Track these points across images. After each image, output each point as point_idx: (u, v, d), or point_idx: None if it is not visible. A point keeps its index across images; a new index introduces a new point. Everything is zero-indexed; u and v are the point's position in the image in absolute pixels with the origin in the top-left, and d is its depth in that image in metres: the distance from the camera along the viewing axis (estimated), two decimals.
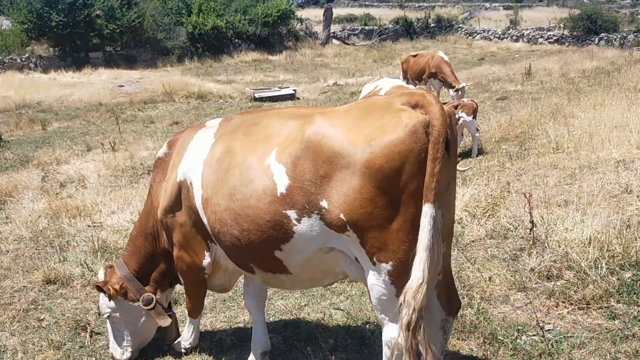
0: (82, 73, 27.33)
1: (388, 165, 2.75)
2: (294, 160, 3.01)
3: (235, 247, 3.41)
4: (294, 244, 3.12)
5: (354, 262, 3.07)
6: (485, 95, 16.48)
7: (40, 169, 10.28)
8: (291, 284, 3.55)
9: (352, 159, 2.81)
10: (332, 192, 2.88)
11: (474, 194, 7.15)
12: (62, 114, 18.27)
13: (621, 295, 4.49)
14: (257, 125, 3.46)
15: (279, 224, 3.09)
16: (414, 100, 2.89)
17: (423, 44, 37.45)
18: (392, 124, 2.79)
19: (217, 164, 3.48)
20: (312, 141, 2.95)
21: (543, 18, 44.26)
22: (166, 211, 3.84)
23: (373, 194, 2.79)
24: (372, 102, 3.08)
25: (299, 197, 2.99)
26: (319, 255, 3.15)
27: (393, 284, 2.89)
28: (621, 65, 19.33)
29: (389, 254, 2.84)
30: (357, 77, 23.70)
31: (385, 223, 2.81)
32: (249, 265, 3.50)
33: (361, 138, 2.82)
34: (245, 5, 36.50)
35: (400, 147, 2.75)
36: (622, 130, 9.00)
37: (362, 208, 2.81)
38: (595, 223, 5.45)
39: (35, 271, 6.05)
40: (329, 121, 2.98)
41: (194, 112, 18.04)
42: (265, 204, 3.12)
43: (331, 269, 3.26)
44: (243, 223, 3.24)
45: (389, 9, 56.11)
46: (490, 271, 5.15)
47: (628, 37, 30.20)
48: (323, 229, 2.99)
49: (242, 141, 3.42)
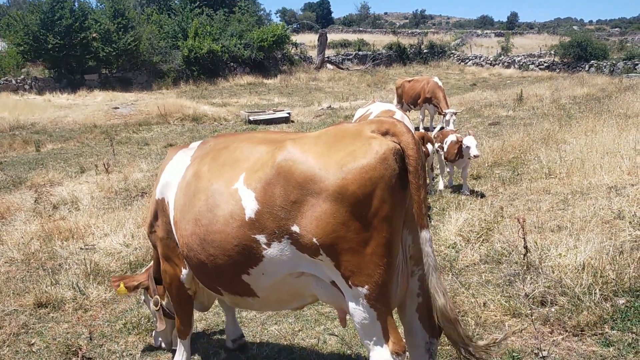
0: (77, 95, 27.43)
1: (360, 191, 2.80)
2: (263, 185, 3.03)
3: (202, 271, 3.44)
4: (262, 267, 3.13)
5: (326, 286, 3.08)
6: (477, 120, 16.63)
7: (34, 191, 10.24)
8: (259, 306, 3.59)
9: (324, 184, 2.84)
10: (303, 217, 2.91)
11: (467, 219, 7.19)
12: (56, 136, 18.27)
13: (615, 322, 4.50)
14: (227, 149, 3.49)
15: (248, 249, 3.10)
16: (384, 128, 2.95)
17: (416, 69, 37.89)
18: (363, 151, 2.84)
19: (186, 187, 3.53)
20: (283, 167, 2.97)
21: (534, 45, 44.99)
22: (150, 226, 3.98)
23: (346, 218, 2.82)
24: (343, 128, 3.11)
25: (269, 222, 3.00)
26: (288, 279, 3.16)
27: (372, 307, 2.90)
28: (611, 92, 19.62)
29: (364, 278, 2.86)
30: (350, 101, 23.90)
31: (358, 247, 2.84)
32: (217, 288, 3.53)
33: (332, 164, 2.86)
34: (241, 30, 36.91)
35: (371, 173, 2.80)
36: (613, 156, 9.10)
37: (335, 232, 2.84)
38: (588, 249, 5.48)
39: (27, 294, 5.99)
40: (300, 147, 3.01)
41: (189, 134, 18.08)
42: (232, 229, 3.13)
43: (300, 293, 3.28)
44: (209, 248, 3.26)
45: (383, 35, 56.88)
46: (485, 296, 5.15)
47: (618, 65, 30.64)
48: (294, 254, 3.01)
49: (210, 165, 3.46)
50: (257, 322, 5.27)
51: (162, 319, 4.37)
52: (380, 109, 8.49)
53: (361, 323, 2.94)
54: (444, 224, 7.11)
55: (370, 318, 2.92)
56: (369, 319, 2.92)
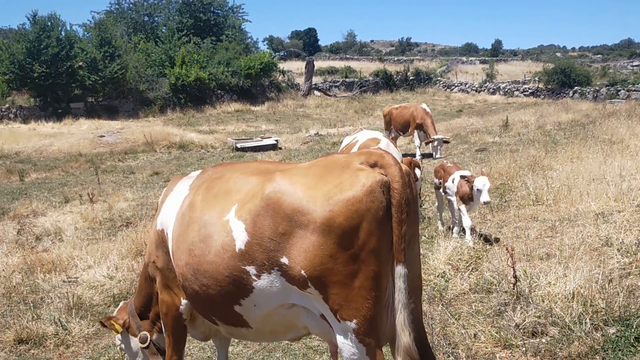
0: (63, 123, 27.31)
1: (347, 223, 2.78)
2: (253, 217, 3.02)
3: (197, 301, 3.44)
4: (253, 299, 3.11)
5: (317, 318, 3.05)
6: (464, 147, 16.73)
7: (16, 222, 10.08)
8: (253, 337, 3.57)
9: (311, 217, 2.83)
10: (292, 248, 2.89)
11: (456, 247, 7.15)
12: (41, 165, 18.09)
13: (606, 352, 4.44)
14: (220, 179, 3.49)
15: (238, 280, 3.09)
16: (372, 160, 2.95)
17: (402, 95, 38.24)
18: (350, 183, 2.84)
19: (182, 217, 3.53)
20: (271, 199, 2.97)
21: (518, 72, 45.71)
22: (150, 255, 3.92)
23: (333, 250, 2.80)
24: (332, 160, 3.12)
25: (258, 253, 2.99)
26: (280, 311, 3.13)
27: (361, 342, 2.86)
28: (595, 117, 19.86)
29: (352, 312, 2.83)
30: (338, 127, 24.01)
31: (346, 280, 2.82)
32: (211, 318, 3.51)
33: (320, 196, 2.85)
34: (229, 58, 37.16)
35: (357, 205, 2.79)
36: (599, 182, 9.14)
37: (322, 264, 2.82)
38: (577, 277, 5.45)
39: (7, 330, 5.84)
40: (288, 179, 3.01)
41: (175, 162, 18.00)
42: (223, 260, 3.12)
43: (293, 324, 3.25)
44: (202, 278, 3.25)
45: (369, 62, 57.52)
46: (475, 327, 5.09)
47: (601, 91, 31.14)
48: (284, 285, 2.99)
49: (203, 195, 3.46)
50: (243, 357, 5.16)
51: (155, 353, 4.24)
52: (366, 137, 8.53)
53: (350, 358, 2.90)
54: (432, 252, 7.06)
55: (359, 353, 2.87)
56: (357, 354, 2.88)
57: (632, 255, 6.20)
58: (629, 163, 10.15)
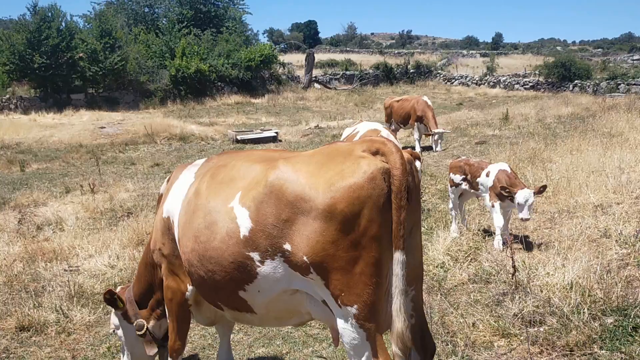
0: (63, 114, 27.26)
1: (348, 209, 2.82)
2: (257, 204, 3.06)
3: (203, 287, 3.48)
4: (257, 284, 3.15)
5: (319, 304, 3.09)
6: (464, 140, 16.75)
7: (17, 211, 10.10)
8: (258, 322, 3.61)
9: (313, 203, 2.88)
10: (295, 235, 2.94)
11: (455, 238, 7.19)
12: (42, 155, 18.11)
13: (604, 342, 4.48)
14: (225, 167, 3.53)
15: (243, 266, 3.14)
16: (375, 148, 2.98)
17: (403, 88, 38.18)
18: (351, 170, 2.88)
19: (188, 205, 3.56)
20: (274, 186, 3.01)
21: (519, 65, 45.64)
22: (156, 243, 3.95)
23: (335, 237, 2.85)
24: (335, 148, 3.15)
25: (262, 240, 3.03)
26: (284, 297, 3.17)
27: (362, 327, 2.89)
28: (595, 111, 19.87)
29: (353, 297, 2.87)
30: (338, 120, 24.00)
31: (347, 265, 2.86)
32: (217, 303, 3.56)
33: (322, 183, 2.89)
34: (229, 50, 37.05)
35: (358, 192, 2.83)
36: (598, 175, 9.18)
37: (324, 250, 2.86)
38: (576, 268, 5.49)
39: (9, 317, 5.87)
40: (291, 166, 3.05)
41: (176, 153, 18.02)
42: (228, 246, 3.17)
43: (297, 310, 3.29)
44: (207, 264, 3.30)
45: (370, 55, 57.49)
46: (474, 317, 5.13)
47: (601, 84, 31.10)
48: (287, 271, 3.03)
49: (208, 183, 3.49)
50: (244, 345, 5.20)
51: (152, 342, 4.26)
52: (367, 128, 8.53)
53: (350, 343, 2.93)
54: (432, 243, 7.10)
55: (359, 338, 2.91)
56: (358, 339, 2.91)
57: (630, 246, 6.25)
58: (628, 156, 10.18)
